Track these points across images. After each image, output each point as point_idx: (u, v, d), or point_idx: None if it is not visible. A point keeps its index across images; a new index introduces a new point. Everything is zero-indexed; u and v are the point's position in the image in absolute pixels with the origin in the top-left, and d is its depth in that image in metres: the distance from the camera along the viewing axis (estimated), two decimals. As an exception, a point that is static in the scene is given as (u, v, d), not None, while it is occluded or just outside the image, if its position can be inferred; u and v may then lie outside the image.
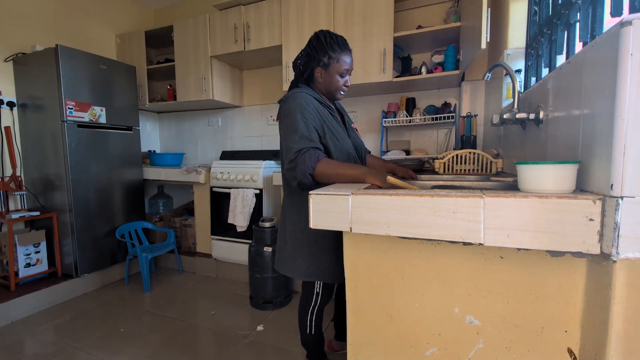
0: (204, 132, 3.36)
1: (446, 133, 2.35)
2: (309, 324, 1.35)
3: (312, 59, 1.23)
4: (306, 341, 1.40)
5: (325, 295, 1.32)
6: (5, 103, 2.32)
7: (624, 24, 0.50)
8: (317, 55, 1.22)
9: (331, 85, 1.24)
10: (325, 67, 1.22)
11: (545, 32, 1.15)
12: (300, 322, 1.37)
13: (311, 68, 1.24)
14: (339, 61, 1.22)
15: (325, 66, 1.22)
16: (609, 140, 0.53)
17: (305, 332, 1.37)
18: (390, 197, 0.65)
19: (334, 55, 1.21)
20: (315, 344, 1.40)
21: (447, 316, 0.70)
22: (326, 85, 1.25)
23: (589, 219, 0.52)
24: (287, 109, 1.14)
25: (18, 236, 2.15)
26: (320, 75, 1.24)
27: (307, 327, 1.35)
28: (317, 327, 1.36)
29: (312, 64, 1.23)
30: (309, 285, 1.32)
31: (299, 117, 1.10)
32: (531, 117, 0.99)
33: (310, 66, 1.24)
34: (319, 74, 1.24)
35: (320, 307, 1.33)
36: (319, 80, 1.25)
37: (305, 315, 1.35)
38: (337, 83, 1.24)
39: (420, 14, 2.37)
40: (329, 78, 1.23)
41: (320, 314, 1.35)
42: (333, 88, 1.25)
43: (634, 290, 0.51)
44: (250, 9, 2.50)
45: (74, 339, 1.78)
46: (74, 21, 2.78)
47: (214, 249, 2.59)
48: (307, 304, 1.33)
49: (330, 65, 1.22)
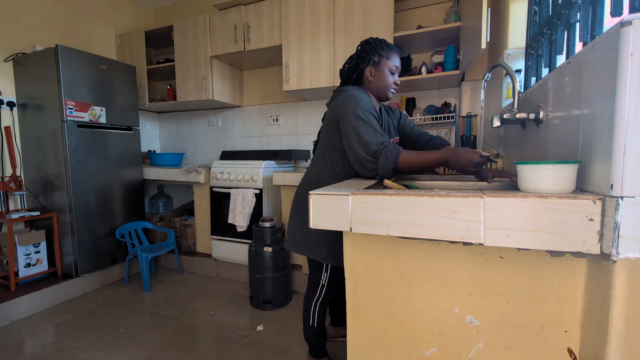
0: (204, 132, 3.37)
1: (446, 133, 2.35)
2: (312, 315, 1.36)
3: (361, 60, 1.26)
4: (308, 334, 1.41)
5: (330, 287, 1.34)
6: (5, 103, 2.32)
7: (624, 24, 0.50)
8: (367, 55, 1.25)
9: (383, 83, 1.26)
10: (376, 65, 1.25)
11: (545, 32, 1.15)
12: (305, 314, 1.39)
13: (361, 69, 1.26)
14: (389, 58, 1.25)
15: (376, 64, 1.25)
16: (609, 140, 0.53)
17: (307, 324, 1.38)
18: (390, 197, 0.65)
19: (384, 53, 1.24)
20: (316, 338, 1.41)
21: (447, 316, 0.70)
22: (377, 83, 1.27)
23: (589, 219, 0.52)
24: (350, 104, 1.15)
25: (18, 236, 2.15)
26: (371, 74, 1.26)
27: (310, 318, 1.37)
28: (320, 320, 1.37)
29: (362, 65, 1.26)
30: (315, 277, 1.35)
31: (367, 113, 1.13)
32: (531, 117, 0.98)
33: (359, 67, 1.26)
34: (369, 72, 1.26)
35: (323, 301, 1.35)
36: (369, 79, 1.27)
37: (309, 307, 1.36)
38: (388, 80, 1.26)
39: (420, 14, 2.38)
40: (381, 75, 1.26)
41: (323, 307, 1.36)
42: (385, 85, 1.27)
43: (634, 290, 0.51)
44: (250, 9, 2.50)
45: (74, 339, 1.78)
46: (74, 21, 2.78)
47: (214, 249, 2.59)
48: (312, 295, 1.36)
49: (381, 62, 1.25)
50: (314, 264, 1.35)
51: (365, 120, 1.12)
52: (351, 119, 1.13)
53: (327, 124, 1.26)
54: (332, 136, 1.23)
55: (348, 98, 1.17)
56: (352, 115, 1.13)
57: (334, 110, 1.22)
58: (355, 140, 1.13)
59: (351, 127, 1.13)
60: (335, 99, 1.24)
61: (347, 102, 1.16)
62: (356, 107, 1.14)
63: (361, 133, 1.11)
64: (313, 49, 2.33)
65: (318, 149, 1.34)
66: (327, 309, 1.40)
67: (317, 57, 2.32)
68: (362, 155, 1.11)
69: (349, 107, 1.15)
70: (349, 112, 1.14)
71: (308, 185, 1.31)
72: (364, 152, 1.11)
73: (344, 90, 1.22)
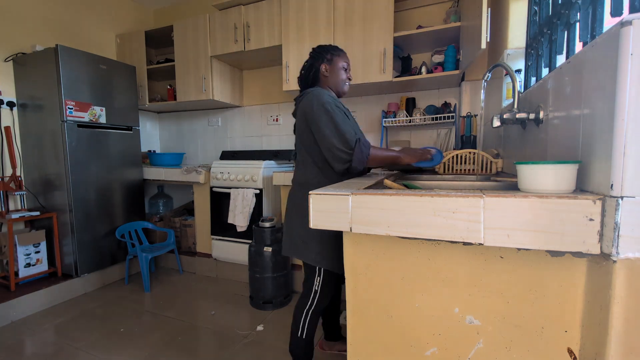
0: (204, 132, 3.37)
1: (446, 133, 2.35)
2: (302, 324, 1.31)
3: (316, 60, 1.38)
4: (295, 346, 1.34)
5: (323, 294, 1.31)
6: (5, 103, 2.32)
7: (624, 24, 0.50)
8: (320, 55, 1.38)
9: (337, 77, 1.38)
10: (329, 62, 1.37)
11: (545, 32, 1.15)
12: (294, 323, 1.34)
13: (316, 67, 1.37)
14: (340, 56, 1.39)
15: (329, 61, 1.37)
16: (609, 140, 0.53)
17: (296, 334, 1.33)
18: (390, 197, 0.65)
19: (335, 52, 1.39)
20: (304, 351, 1.34)
21: (447, 316, 0.70)
22: (333, 78, 1.38)
23: (589, 219, 0.52)
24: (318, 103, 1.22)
25: (18, 236, 2.15)
26: (326, 69, 1.37)
27: (299, 328, 1.32)
28: (309, 332, 1.32)
29: (317, 63, 1.37)
30: (308, 282, 1.32)
31: (336, 110, 1.22)
32: (531, 117, 0.98)
33: (314, 66, 1.37)
34: (325, 68, 1.37)
35: (315, 310, 1.31)
36: (325, 74, 1.37)
37: (300, 315, 1.32)
38: (342, 75, 1.39)
39: (420, 14, 2.37)
40: (335, 70, 1.38)
41: (314, 317, 1.32)
42: (340, 80, 1.39)
43: (634, 290, 0.51)
44: (250, 9, 2.50)
45: (74, 339, 1.78)
46: (74, 21, 2.78)
47: (214, 249, 2.59)
48: (304, 303, 1.32)
49: (333, 59, 1.38)
50: (308, 268, 1.33)
51: (334, 113, 1.20)
52: (321, 115, 1.20)
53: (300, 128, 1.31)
54: (306, 137, 1.29)
55: (312, 97, 1.25)
56: (320, 111, 1.20)
57: (302, 113, 1.28)
58: (328, 132, 1.19)
59: (322, 122, 1.20)
60: (300, 104, 1.30)
61: (312, 101, 1.24)
62: (323, 103, 1.21)
63: (334, 125, 1.18)
64: (313, 49, 2.32)
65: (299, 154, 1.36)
66: (318, 321, 1.34)
67: (317, 57, 2.31)
68: (337, 145, 1.18)
69: (315, 104, 1.22)
70: (316, 109, 1.21)
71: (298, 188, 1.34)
72: (339, 143, 1.18)
73: (306, 93, 1.30)
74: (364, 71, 2.20)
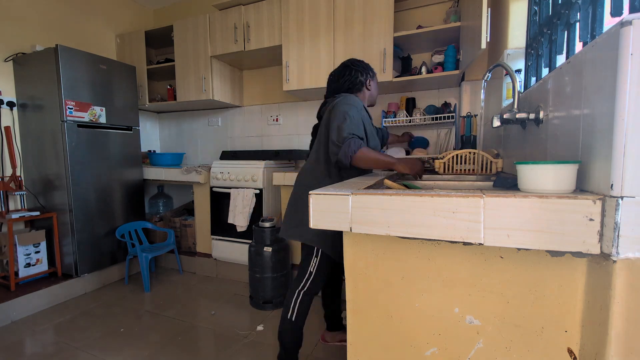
0: (204, 132, 3.36)
1: (446, 133, 2.35)
2: (293, 305, 1.31)
3: (361, 73, 1.49)
4: (284, 330, 1.33)
5: (317, 278, 1.32)
6: (5, 103, 2.32)
7: (624, 24, 0.50)
8: (366, 70, 1.51)
9: (375, 92, 1.58)
10: (372, 77, 1.54)
11: (545, 32, 1.15)
12: (285, 305, 1.34)
13: (361, 81, 1.49)
14: (375, 75, 1.57)
15: (372, 77, 1.54)
16: (609, 140, 0.53)
17: (286, 317, 1.32)
18: (390, 197, 0.65)
19: (373, 72, 1.56)
20: (292, 337, 1.33)
21: (447, 316, 0.70)
22: (372, 92, 1.55)
23: (589, 219, 0.52)
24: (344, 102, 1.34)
25: (18, 236, 2.15)
26: (370, 84, 1.52)
27: (289, 309, 1.31)
28: (299, 316, 1.31)
29: (362, 77, 1.49)
30: (304, 264, 1.35)
31: (353, 111, 1.31)
32: (531, 117, 0.98)
33: (359, 78, 1.49)
34: (369, 83, 1.52)
35: (307, 292, 1.32)
36: (369, 88, 1.53)
37: (291, 296, 1.33)
38: (376, 92, 1.59)
39: (420, 14, 2.37)
40: (375, 86, 1.56)
41: (306, 299, 1.32)
42: (376, 94, 1.59)
43: (634, 290, 0.51)
44: (250, 9, 2.50)
45: (74, 339, 1.78)
46: (74, 21, 2.78)
47: (214, 249, 2.59)
48: (297, 284, 1.34)
49: (374, 77, 1.56)
50: (305, 248, 1.37)
51: (352, 116, 1.29)
52: (340, 115, 1.30)
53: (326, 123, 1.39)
54: None
55: (346, 100, 1.35)
56: (342, 112, 1.30)
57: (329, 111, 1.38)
58: (334, 126, 1.29)
59: (337, 120, 1.29)
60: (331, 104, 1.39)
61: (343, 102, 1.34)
62: (350, 106, 1.32)
63: (343, 124, 1.27)
64: (313, 48, 2.33)
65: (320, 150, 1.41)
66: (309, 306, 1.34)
67: (317, 57, 2.32)
68: (333, 139, 1.27)
69: (343, 106, 1.32)
70: (341, 110, 1.31)
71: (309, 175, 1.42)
72: (335, 137, 1.27)
73: (340, 96, 1.40)
74: (364, 71, 2.20)
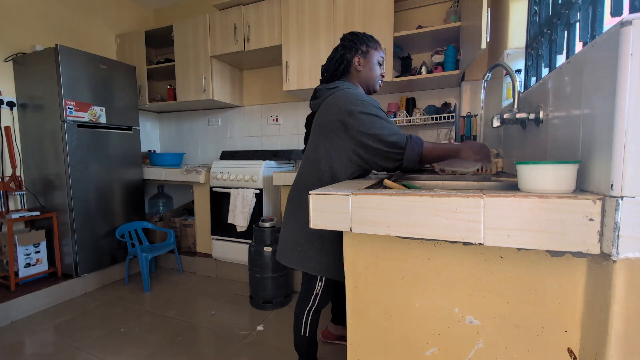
0: (204, 132, 3.36)
1: (446, 133, 2.35)
2: (304, 324, 1.30)
3: (348, 50, 1.21)
4: (299, 344, 1.35)
5: (324, 296, 1.29)
6: (5, 103, 2.32)
7: (624, 24, 0.50)
8: (354, 45, 1.21)
9: (371, 73, 1.23)
10: (364, 54, 1.22)
11: (545, 32, 1.15)
12: (296, 323, 1.33)
13: (348, 59, 1.21)
14: (376, 49, 1.23)
15: (364, 54, 1.21)
16: (609, 140, 0.53)
17: (299, 333, 1.33)
18: (390, 197, 0.65)
19: (372, 44, 1.22)
20: (308, 347, 1.35)
21: (447, 316, 0.70)
22: (366, 73, 1.23)
23: (589, 219, 0.52)
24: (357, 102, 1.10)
25: (18, 236, 2.15)
26: (359, 63, 1.22)
27: (301, 328, 1.31)
28: (312, 329, 1.32)
29: (349, 55, 1.21)
30: (309, 285, 1.28)
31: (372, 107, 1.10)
32: (531, 117, 0.98)
33: (346, 57, 1.21)
34: (358, 62, 1.22)
35: (317, 309, 1.30)
36: (358, 69, 1.23)
37: (301, 316, 1.31)
38: (376, 70, 1.24)
39: (420, 14, 2.37)
40: (369, 65, 1.22)
41: (316, 316, 1.31)
42: (373, 76, 1.24)
43: (634, 290, 0.51)
44: (250, 9, 2.50)
45: (74, 339, 1.78)
46: (74, 21, 2.78)
47: (214, 249, 2.59)
48: (305, 304, 1.30)
49: (369, 52, 1.22)
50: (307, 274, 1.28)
51: (375, 114, 1.09)
52: (362, 117, 1.08)
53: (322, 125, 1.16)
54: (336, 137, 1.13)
55: (347, 97, 1.11)
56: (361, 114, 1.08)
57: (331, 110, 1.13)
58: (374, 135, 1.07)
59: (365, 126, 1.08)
60: (329, 98, 1.16)
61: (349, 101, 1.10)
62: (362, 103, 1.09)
63: (378, 127, 1.07)
64: (313, 48, 2.32)
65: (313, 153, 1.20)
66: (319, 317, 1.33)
67: (317, 57, 2.32)
68: (385, 148, 1.07)
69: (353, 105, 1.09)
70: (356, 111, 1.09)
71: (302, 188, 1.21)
72: (387, 146, 1.07)
73: (338, 89, 1.16)
74: (364, 71, 2.20)
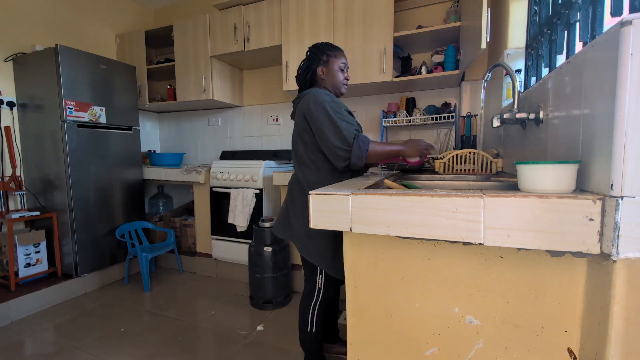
0: (204, 132, 3.36)
1: (446, 133, 2.35)
2: (310, 320, 1.35)
3: (312, 62, 1.36)
4: (306, 340, 1.39)
5: (327, 289, 1.34)
6: (5, 103, 2.32)
7: (624, 24, 0.50)
8: (316, 56, 1.36)
9: (335, 79, 1.37)
10: (325, 64, 1.36)
11: (545, 32, 1.15)
12: (301, 320, 1.37)
13: (313, 69, 1.36)
14: (336, 57, 1.37)
15: (325, 63, 1.36)
16: (609, 140, 0.53)
17: (305, 330, 1.36)
18: (390, 197, 0.65)
19: (331, 52, 1.37)
20: (314, 344, 1.39)
21: (447, 316, 0.70)
22: (330, 80, 1.37)
23: (589, 219, 0.52)
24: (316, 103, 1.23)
25: (18, 236, 2.15)
26: (323, 72, 1.36)
27: (307, 324, 1.35)
28: (318, 325, 1.36)
29: (313, 65, 1.36)
30: (311, 281, 1.35)
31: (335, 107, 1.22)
32: (531, 117, 0.99)
33: (311, 68, 1.37)
34: (321, 71, 1.36)
35: (321, 304, 1.34)
36: (322, 77, 1.37)
37: (306, 312, 1.35)
38: (339, 76, 1.38)
39: (420, 14, 2.37)
40: (332, 72, 1.36)
41: (321, 311, 1.35)
42: (337, 81, 1.38)
43: (634, 290, 0.51)
44: (250, 9, 2.50)
45: (74, 339, 1.78)
46: (74, 21, 2.78)
47: (214, 248, 2.59)
48: (309, 300, 1.35)
49: (329, 61, 1.36)
50: (309, 267, 1.36)
51: (332, 112, 1.20)
52: (319, 114, 1.21)
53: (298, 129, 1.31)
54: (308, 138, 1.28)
55: (309, 98, 1.25)
56: (319, 110, 1.21)
57: (300, 114, 1.28)
58: (327, 131, 1.20)
59: (321, 121, 1.20)
60: (299, 105, 1.31)
61: (309, 101, 1.24)
62: (321, 102, 1.22)
63: (332, 123, 1.19)
64: (313, 49, 2.32)
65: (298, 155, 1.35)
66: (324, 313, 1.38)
67: (317, 57, 2.31)
68: (335, 143, 1.19)
69: (312, 104, 1.23)
70: (314, 108, 1.22)
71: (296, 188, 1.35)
72: (337, 141, 1.19)
73: (304, 94, 1.30)
74: (363, 71, 2.20)
